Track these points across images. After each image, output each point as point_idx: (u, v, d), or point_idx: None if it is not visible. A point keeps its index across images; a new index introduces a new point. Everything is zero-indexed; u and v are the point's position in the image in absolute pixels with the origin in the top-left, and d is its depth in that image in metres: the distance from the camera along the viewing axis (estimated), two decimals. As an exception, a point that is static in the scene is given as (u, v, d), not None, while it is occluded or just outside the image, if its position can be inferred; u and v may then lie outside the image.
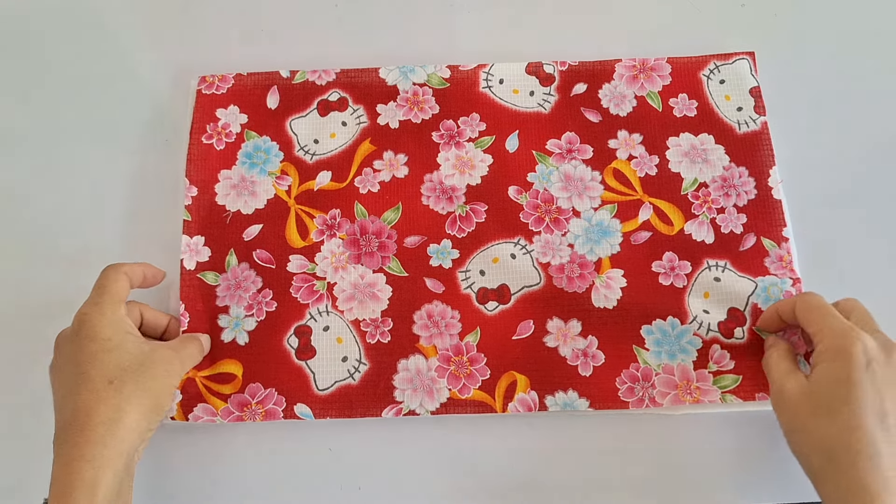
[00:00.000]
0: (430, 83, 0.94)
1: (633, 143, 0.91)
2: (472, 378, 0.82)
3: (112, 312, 0.75)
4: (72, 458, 0.67)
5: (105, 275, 0.78)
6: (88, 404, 0.70)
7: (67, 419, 0.70)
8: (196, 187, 0.89)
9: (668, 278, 0.85)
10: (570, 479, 0.80)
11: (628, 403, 0.80)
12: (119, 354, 0.73)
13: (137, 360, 0.74)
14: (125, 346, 0.74)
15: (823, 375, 0.70)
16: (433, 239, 0.87)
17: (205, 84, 0.94)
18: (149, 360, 0.75)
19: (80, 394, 0.70)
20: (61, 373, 0.74)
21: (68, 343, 0.75)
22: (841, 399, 0.67)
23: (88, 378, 0.71)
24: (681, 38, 0.96)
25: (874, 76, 0.95)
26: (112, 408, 0.70)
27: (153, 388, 0.74)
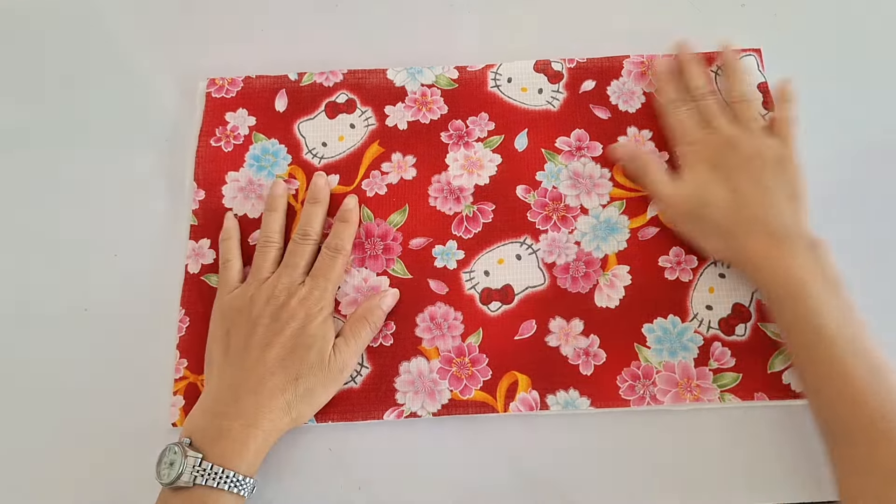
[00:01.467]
0: (439, 84, 0.93)
1: (642, 140, 0.90)
2: (474, 379, 0.82)
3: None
4: (247, 424, 0.75)
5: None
6: (274, 394, 0.77)
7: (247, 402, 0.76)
8: (204, 191, 0.90)
9: (675, 272, 0.84)
10: (572, 479, 0.79)
11: (629, 402, 0.80)
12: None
13: (334, 372, 0.80)
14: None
15: (696, 175, 0.84)
16: (439, 240, 0.87)
17: (214, 87, 0.94)
18: (341, 373, 0.81)
19: (264, 393, 0.77)
20: (263, 362, 0.78)
21: (313, 350, 0.79)
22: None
23: (294, 383, 0.78)
24: (680, 37, 0.94)
25: (874, 76, 0.94)
26: (288, 402, 0.77)
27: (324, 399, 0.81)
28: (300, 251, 0.84)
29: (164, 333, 0.86)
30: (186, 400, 0.82)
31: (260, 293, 0.81)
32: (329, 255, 0.84)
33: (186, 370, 0.83)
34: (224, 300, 0.82)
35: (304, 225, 0.85)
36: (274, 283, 0.81)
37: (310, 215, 0.86)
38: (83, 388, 0.84)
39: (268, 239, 0.85)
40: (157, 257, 0.88)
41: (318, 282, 0.82)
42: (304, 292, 0.81)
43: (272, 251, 0.84)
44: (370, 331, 0.82)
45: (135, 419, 0.83)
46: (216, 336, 0.81)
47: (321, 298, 0.81)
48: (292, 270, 0.82)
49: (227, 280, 0.84)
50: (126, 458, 0.82)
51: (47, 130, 0.95)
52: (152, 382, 0.84)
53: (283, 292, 0.80)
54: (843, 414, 0.70)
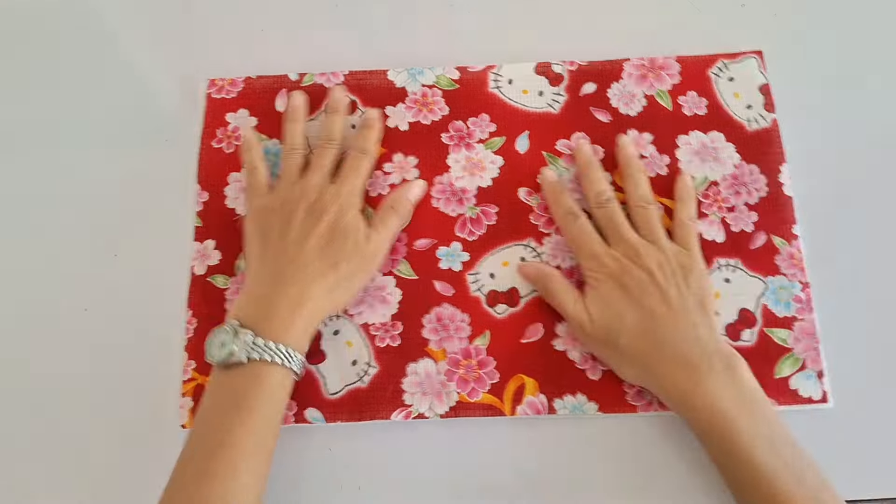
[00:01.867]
0: (439, 84, 0.93)
1: (643, 143, 0.90)
2: (481, 381, 0.82)
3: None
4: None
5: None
6: (316, 279, 0.80)
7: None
8: (207, 192, 0.90)
9: (679, 278, 0.85)
10: (579, 483, 0.80)
11: (636, 407, 0.80)
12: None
13: (369, 257, 0.84)
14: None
15: (599, 296, 0.81)
16: (443, 241, 0.87)
17: (214, 88, 0.94)
18: (374, 258, 0.85)
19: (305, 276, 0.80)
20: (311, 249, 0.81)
21: (349, 239, 0.82)
22: (617, 316, 0.79)
23: (335, 269, 0.81)
24: (681, 38, 0.95)
25: (874, 76, 0.94)
26: (329, 287, 0.81)
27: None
28: (326, 154, 0.87)
29: (166, 334, 0.86)
30: (195, 401, 0.82)
31: (292, 192, 0.83)
32: (356, 155, 0.87)
33: (195, 372, 0.83)
34: (256, 203, 0.85)
35: (326, 132, 0.89)
36: (305, 181, 0.84)
37: (332, 123, 0.89)
38: (83, 388, 0.85)
39: (293, 146, 0.88)
40: (158, 257, 0.88)
41: (347, 178, 0.85)
42: (334, 189, 0.84)
43: (298, 157, 0.88)
44: (398, 220, 0.86)
45: (140, 420, 0.83)
46: (252, 236, 0.83)
47: (351, 194, 0.85)
48: (321, 171, 0.85)
49: (256, 184, 0.87)
50: (131, 459, 0.82)
51: (47, 130, 0.95)
52: (154, 383, 0.84)
53: (314, 190, 0.83)
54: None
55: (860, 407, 0.80)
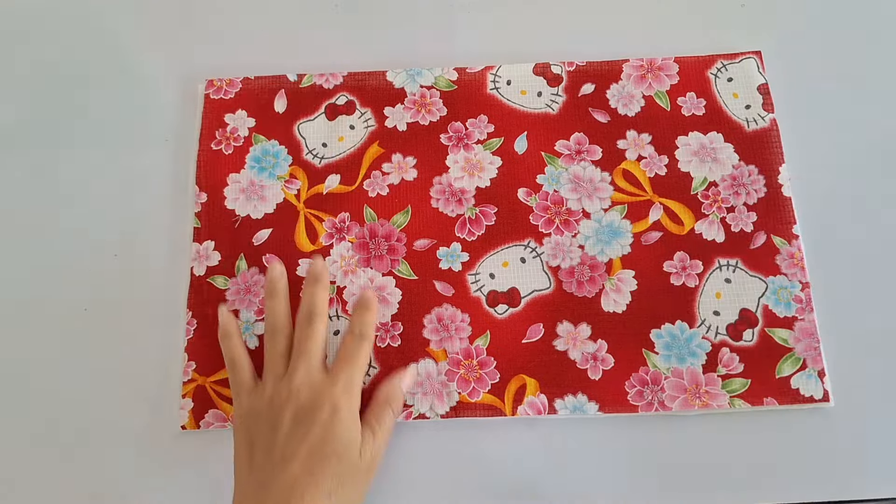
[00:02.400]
0: (438, 85, 0.94)
1: (642, 144, 0.90)
2: (482, 382, 0.82)
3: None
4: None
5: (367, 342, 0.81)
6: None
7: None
8: (206, 193, 0.89)
9: (680, 278, 0.85)
10: (580, 484, 0.80)
11: (637, 407, 0.80)
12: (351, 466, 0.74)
13: (364, 471, 0.75)
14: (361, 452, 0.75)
15: None
16: (442, 242, 0.87)
17: (212, 88, 0.94)
18: (370, 470, 0.76)
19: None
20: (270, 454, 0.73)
21: (343, 459, 0.73)
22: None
23: (328, 500, 0.71)
24: (681, 38, 0.95)
25: (874, 76, 0.94)
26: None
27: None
28: (311, 335, 0.79)
29: (167, 334, 0.86)
30: (195, 403, 0.82)
31: (279, 392, 0.76)
32: (354, 341, 0.80)
33: (195, 373, 0.83)
34: (243, 405, 0.77)
35: (309, 306, 0.81)
36: (291, 376, 0.76)
37: (313, 295, 0.81)
38: (83, 388, 0.84)
39: (274, 329, 0.81)
40: (158, 257, 0.88)
41: (342, 371, 0.77)
42: (326, 386, 0.76)
43: (282, 340, 0.80)
44: (393, 415, 0.79)
45: (140, 422, 0.83)
46: (240, 448, 0.75)
47: (346, 391, 0.76)
48: (308, 358, 0.77)
49: (240, 382, 0.79)
50: (131, 460, 0.82)
51: (47, 130, 0.95)
52: (155, 384, 0.84)
53: (302, 386, 0.75)
54: None
55: (861, 406, 0.80)
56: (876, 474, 0.79)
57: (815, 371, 0.80)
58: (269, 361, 0.79)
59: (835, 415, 0.80)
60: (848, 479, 0.78)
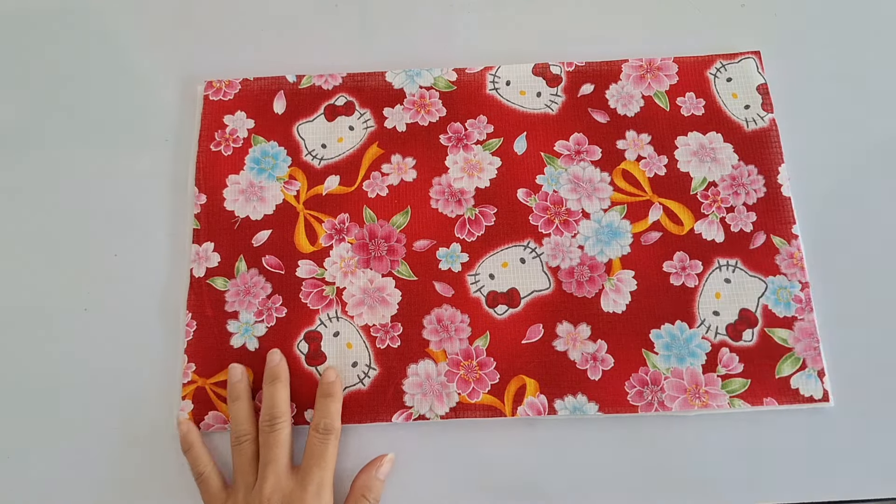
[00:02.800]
0: (437, 86, 0.94)
1: (641, 144, 0.90)
2: (482, 382, 0.82)
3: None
4: None
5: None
6: None
7: None
8: (205, 195, 0.89)
9: (680, 278, 0.85)
10: (580, 483, 0.80)
11: (637, 407, 0.80)
12: None
13: None
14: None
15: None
16: (442, 242, 0.87)
17: (212, 90, 0.94)
18: None
19: None
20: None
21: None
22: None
23: None
24: (681, 38, 0.96)
25: (874, 76, 0.94)
26: None
27: None
28: (276, 441, 0.77)
29: (166, 334, 0.86)
30: (195, 404, 0.82)
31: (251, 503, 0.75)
32: (319, 438, 0.78)
33: (195, 374, 0.83)
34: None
35: (269, 409, 0.79)
36: (261, 487, 0.75)
37: (273, 396, 0.80)
38: (83, 389, 0.84)
39: (239, 435, 0.79)
40: (158, 257, 0.88)
41: (311, 474, 0.76)
42: (299, 493, 0.74)
43: (249, 446, 0.78)
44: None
45: (140, 422, 0.83)
46: None
47: (319, 494, 0.75)
48: (276, 465, 0.76)
49: (212, 494, 0.78)
50: (130, 460, 0.82)
51: (47, 130, 0.95)
52: (155, 384, 0.84)
53: (273, 495, 0.74)
54: None
55: (861, 406, 0.80)
56: (875, 474, 0.79)
57: (814, 371, 0.80)
58: (239, 471, 0.78)
59: (834, 415, 0.80)
60: (847, 479, 0.78)
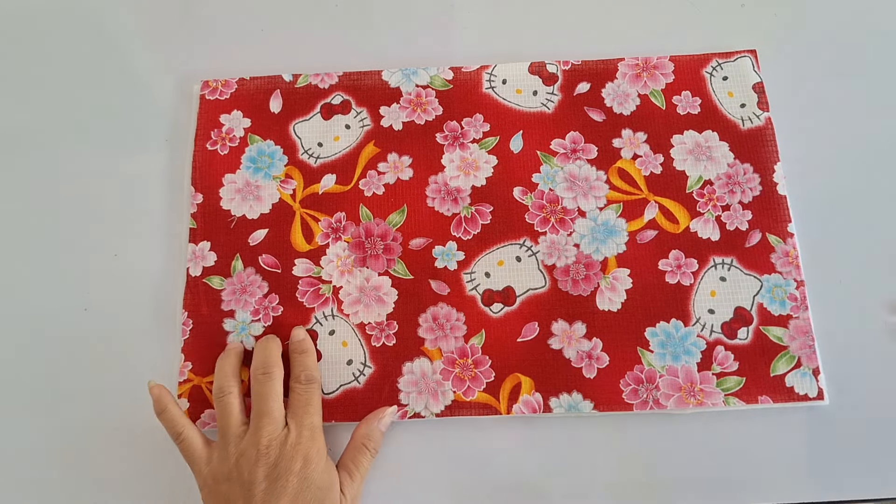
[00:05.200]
0: (433, 85, 0.94)
1: (637, 142, 0.90)
2: (477, 380, 0.82)
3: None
4: None
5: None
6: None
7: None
8: (201, 194, 0.90)
9: (675, 276, 0.85)
10: (575, 481, 0.80)
11: (632, 405, 0.80)
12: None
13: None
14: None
15: None
16: (438, 241, 0.87)
17: (208, 89, 0.94)
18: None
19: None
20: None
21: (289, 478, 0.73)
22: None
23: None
24: (681, 38, 0.96)
25: (874, 76, 0.94)
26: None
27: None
28: (271, 391, 0.77)
29: (166, 334, 0.86)
30: (191, 402, 0.82)
31: (246, 452, 0.74)
32: (303, 388, 0.79)
33: (191, 373, 0.83)
34: (205, 474, 0.75)
35: (264, 359, 0.80)
36: (256, 435, 0.74)
37: (266, 349, 0.81)
38: (83, 388, 0.84)
39: (222, 389, 0.79)
40: (157, 257, 0.89)
41: (303, 421, 0.76)
42: (293, 437, 0.75)
43: (233, 399, 0.78)
44: (371, 456, 0.79)
45: (138, 421, 0.83)
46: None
47: (312, 438, 0.76)
48: (269, 416, 0.76)
49: (194, 452, 0.76)
50: (129, 460, 0.82)
51: (44, 130, 0.95)
52: (153, 383, 0.84)
53: (270, 444, 0.74)
54: None
55: (856, 404, 0.81)
56: (870, 473, 0.79)
57: (809, 369, 0.81)
58: (223, 423, 0.77)
59: (829, 413, 0.80)
60: (842, 478, 0.78)
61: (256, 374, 0.79)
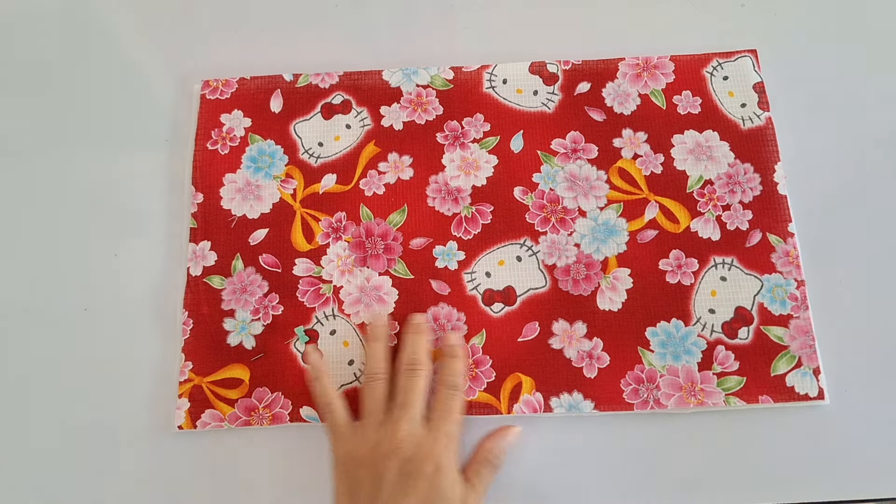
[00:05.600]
0: (434, 84, 0.94)
1: (637, 142, 0.90)
2: (478, 380, 0.82)
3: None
4: None
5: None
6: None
7: None
8: (202, 194, 0.90)
9: (676, 276, 0.85)
10: (575, 481, 0.80)
11: (633, 405, 0.81)
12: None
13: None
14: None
15: None
16: (439, 241, 0.87)
17: (209, 89, 0.94)
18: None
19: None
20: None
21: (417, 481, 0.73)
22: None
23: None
24: (681, 37, 0.96)
25: (874, 76, 0.94)
26: None
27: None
28: (415, 386, 0.78)
29: (166, 334, 0.86)
30: (192, 403, 0.82)
31: (382, 442, 0.74)
32: (448, 393, 0.79)
33: (191, 373, 0.83)
34: (343, 450, 0.77)
35: (413, 354, 0.81)
36: (394, 428, 0.75)
37: (416, 344, 0.81)
38: (84, 388, 0.84)
39: (374, 373, 0.80)
40: (157, 257, 0.88)
41: (442, 426, 0.76)
42: (430, 441, 0.75)
43: (381, 385, 0.79)
44: (494, 473, 0.79)
45: (137, 421, 0.83)
46: (341, 493, 0.75)
47: (447, 447, 0.75)
48: (411, 411, 0.76)
49: (337, 427, 0.79)
50: (129, 460, 0.82)
51: (48, 130, 0.95)
52: (154, 384, 0.84)
53: (406, 441, 0.74)
54: None
55: (857, 404, 0.81)
56: (871, 473, 0.79)
57: (810, 369, 0.81)
58: (369, 406, 0.79)
59: (830, 413, 0.80)
60: (843, 478, 0.78)
61: (404, 367, 0.80)
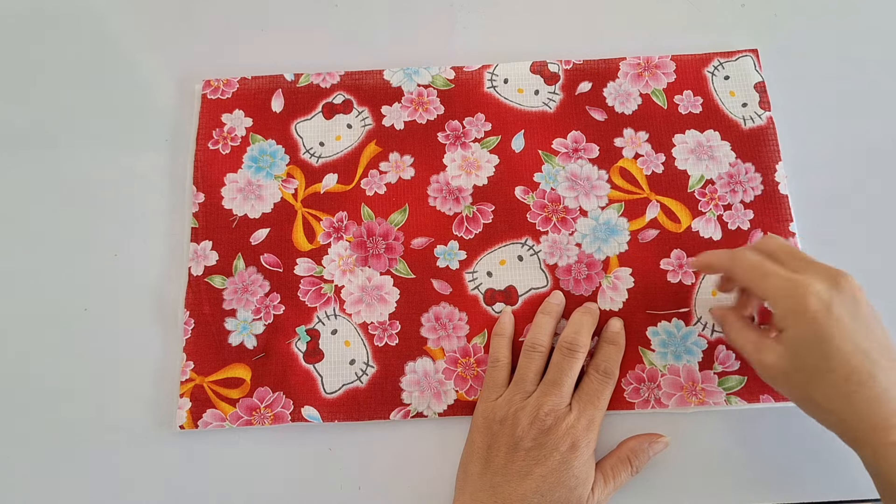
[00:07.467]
0: (435, 84, 0.94)
1: (639, 142, 0.90)
2: (480, 379, 0.82)
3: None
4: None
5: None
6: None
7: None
8: (203, 193, 0.90)
9: (677, 275, 0.85)
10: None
11: (634, 404, 0.81)
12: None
13: None
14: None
15: (794, 341, 0.68)
16: (440, 240, 0.87)
17: (210, 88, 0.94)
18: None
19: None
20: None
21: (574, 494, 0.73)
22: (823, 357, 0.66)
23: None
24: (682, 37, 0.96)
25: (874, 76, 0.94)
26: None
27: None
28: (569, 368, 0.78)
29: (166, 334, 0.86)
30: (193, 402, 0.82)
31: (525, 410, 0.75)
32: (600, 379, 0.79)
33: (193, 372, 0.83)
34: (488, 406, 0.78)
35: (574, 334, 0.80)
36: (540, 401, 0.75)
37: (581, 325, 0.81)
38: (84, 388, 0.84)
39: (535, 345, 0.80)
40: (158, 257, 0.88)
41: (586, 409, 0.76)
42: (572, 419, 0.75)
43: (539, 359, 0.79)
44: (632, 473, 0.78)
45: (138, 421, 0.83)
46: (476, 446, 0.77)
47: (588, 429, 0.75)
48: (561, 390, 0.76)
49: (496, 381, 0.80)
50: (129, 460, 0.82)
51: (49, 130, 0.95)
52: (155, 383, 0.84)
53: (549, 415, 0.74)
54: None
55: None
56: (872, 471, 0.79)
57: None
58: (522, 375, 0.79)
59: (831, 412, 0.80)
60: (844, 479, 0.78)
61: (562, 345, 0.80)
